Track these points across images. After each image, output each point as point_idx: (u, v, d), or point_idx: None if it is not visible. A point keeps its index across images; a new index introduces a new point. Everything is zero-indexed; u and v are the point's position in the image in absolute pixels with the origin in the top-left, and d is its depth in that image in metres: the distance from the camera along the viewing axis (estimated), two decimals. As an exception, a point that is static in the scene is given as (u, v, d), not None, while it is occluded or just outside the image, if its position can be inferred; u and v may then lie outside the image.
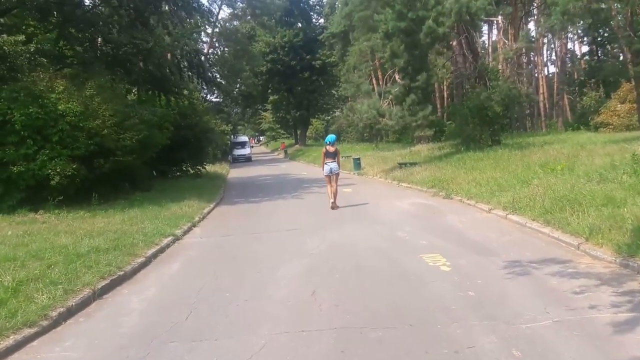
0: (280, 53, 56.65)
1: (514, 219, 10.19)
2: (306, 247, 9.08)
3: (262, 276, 7.29)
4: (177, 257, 8.98)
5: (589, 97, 36.09)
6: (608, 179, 11.03)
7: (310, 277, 7.07)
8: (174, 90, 20.48)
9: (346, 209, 13.77)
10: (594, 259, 6.99)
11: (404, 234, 9.79)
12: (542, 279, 6.26)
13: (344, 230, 10.63)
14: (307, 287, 6.55)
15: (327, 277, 6.96)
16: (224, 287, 6.84)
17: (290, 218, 12.91)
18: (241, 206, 16.19)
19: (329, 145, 14.48)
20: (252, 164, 44.57)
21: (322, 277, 7.01)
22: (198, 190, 18.54)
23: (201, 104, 34.78)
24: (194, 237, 10.94)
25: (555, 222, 8.77)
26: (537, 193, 11.00)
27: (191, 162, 25.61)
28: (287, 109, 63.91)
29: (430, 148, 28.17)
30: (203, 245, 10.12)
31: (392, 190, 17.98)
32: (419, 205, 13.62)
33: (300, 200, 16.63)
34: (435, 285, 6.32)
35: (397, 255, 8.07)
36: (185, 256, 9.06)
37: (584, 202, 9.03)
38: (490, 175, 14.80)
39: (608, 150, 16.21)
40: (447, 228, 10.17)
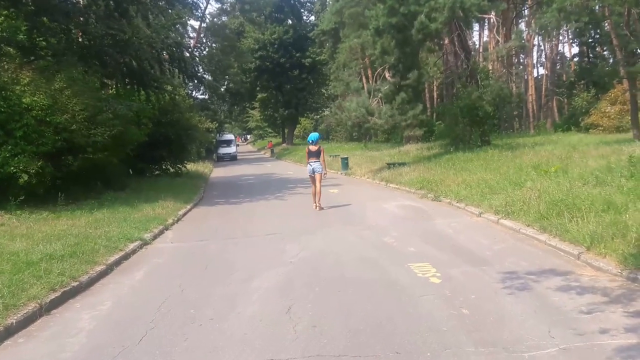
0: (270, 50, 55.88)
1: (506, 224, 9.56)
2: (285, 254, 8.38)
3: (233, 289, 6.58)
4: (142, 265, 8.23)
5: (580, 97, 35.65)
6: (605, 182, 10.46)
7: (287, 290, 6.37)
8: (153, 84, 19.62)
9: (331, 211, 13.12)
10: (597, 270, 6.36)
11: (391, 239, 9.12)
12: (542, 295, 5.61)
13: (328, 235, 9.96)
14: (282, 302, 5.85)
15: (305, 291, 6.27)
16: (188, 302, 6.12)
17: (271, 221, 12.22)
18: (221, 207, 15.46)
19: (311, 144, 13.92)
20: (238, 163, 43.80)
21: (300, 290, 6.31)
22: (176, 190, 17.79)
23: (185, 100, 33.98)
24: (165, 242, 10.19)
25: (552, 229, 8.14)
26: (530, 196, 10.38)
27: (172, 160, 24.75)
28: (276, 107, 63.15)
29: (420, 148, 27.61)
30: (173, 251, 9.37)
31: (380, 191, 17.34)
32: (407, 207, 12.98)
33: (283, 202, 15.94)
34: (424, 301, 5.65)
35: (383, 264, 7.39)
36: (151, 264, 8.31)
37: (583, 207, 8.41)
38: (480, 176, 14.22)
39: (601, 152, 15.73)
40: (436, 233, 9.52)
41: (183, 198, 16.11)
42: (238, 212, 14.24)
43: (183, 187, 19.52)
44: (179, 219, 12.91)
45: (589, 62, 45.18)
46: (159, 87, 21.03)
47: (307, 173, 13.97)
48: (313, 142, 13.91)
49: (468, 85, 22.34)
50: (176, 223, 12.40)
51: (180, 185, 20.13)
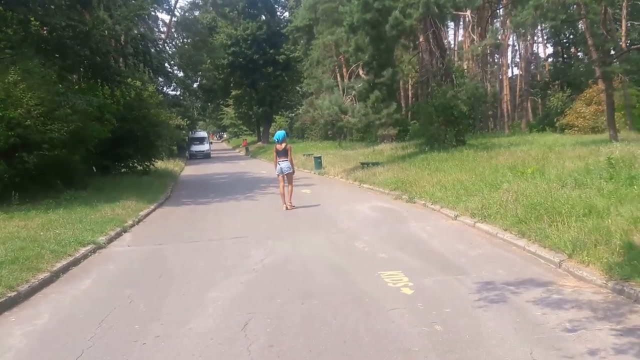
0: (243, 46, 54.96)
1: (483, 228, 9.15)
2: (249, 261, 7.82)
3: (188, 300, 6.00)
4: (92, 272, 7.58)
5: (555, 97, 35.71)
6: (584, 184, 10.12)
7: (246, 302, 5.81)
8: (115, 78, 18.79)
9: (302, 212, 12.60)
10: (580, 280, 5.95)
11: (362, 244, 8.63)
12: (522, 309, 5.16)
13: (296, 239, 9.42)
14: (239, 317, 5.30)
15: (266, 303, 5.72)
16: (135, 316, 5.53)
17: (239, 223, 11.63)
18: (187, 208, 14.79)
19: (278, 143, 13.44)
20: (211, 161, 42.95)
21: (260, 302, 5.76)
22: (141, 189, 17.06)
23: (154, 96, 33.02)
24: (121, 246, 9.53)
25: (531, 234, 7.74)
26: (507, 199, 10.00)
27: (139, 158, 23.85)
28: (250, 105, 62.24)
29: (394, 147, 27.21)
30: (128, 256, 8.72)
31: (353, 191, 16.86)
32: (380, 209, 12.51)
33: (253, 202, 15.35)
34: (395, 316, 5.15)
35: (352, 272, 6.89)
36: (102, 271, 7.66)
37: (563, 211, 8.02)
38: (455, 177, 13.85)
39: (578, 152, 15.47)
40: (410, 237, 9.06)
41: (147, 197, 15.40)
42: (205, 213, 13.61)
43: (149, 186, 18.78)
44: (139, 220, 12.23)
45: (564, 63, 45.45)
46: (123, 82, 20.23)
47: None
48: (279, 140, 13.43)
49: (443, 84, 22.00)
50: (136, 225, 11.72)
51: (147, 184, 19.37)
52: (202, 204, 15.42)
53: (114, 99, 20.21)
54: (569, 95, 34.22)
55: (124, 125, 20.79)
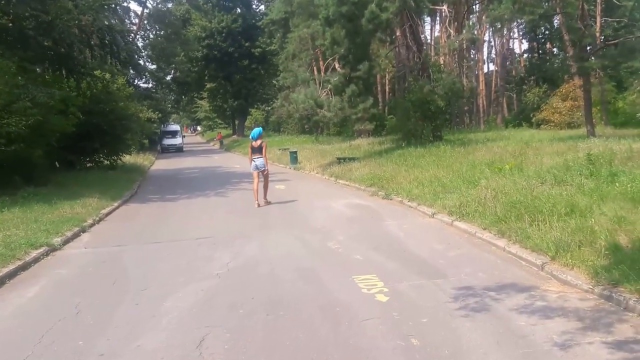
0: (218, 39, 53.96)
1: (461, 227, 8.77)
2: (213, 264, 7.30)
3: (141, 311, 5.48)
4: (41, 277, 6.98)
5: (532, 92, 35.70)
6: (564, 181, 9.83)
7: (205, 313, 5.31)
8: (80, 70, 18.00)
9: (274, 210, 12.12)
10: (564, 284, 5.58)
11: (336, 245, 8.17)
12: (505, 318, 4.76)
13: (266, 239, 8.93)
14: (196, 331, 4.80)
15: (226, 314, 5.23)
16: (81, 329, 4.99)
17: (206, 221, 11.08)
18: (153, 205, 14.17)
19: (253, 140, 13.07)
20: (183, 155, 42.02)
21: (221, 313, 5.27)
22: (106, 185, 16.37)
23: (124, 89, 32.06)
24: (77, 248, 8.91)
25: (512, 234, 7.37)
26: (486, 196, 9.65)
27: (105, 152, 23.01)
28: (225, 98, 61.29)
29: (371, 142, 26.85)
30: (83, 259, 8.10)
31: (329, 188, 16.40)
32: (356, 206, 12.08)
33: (223, 199, 14.77)
34: (368, 327, 4.71)
35: (324, 277, 6.43)
36: (52, 276, 7.06)
37: (544, 209, 7.67)
38: (432, 173, 13.49)
39: (556, 148, 15.25)
40: (386, 237, 8.64)
41: (111, 194, 14.71)
42: (171, 210, 13.02)
43: (115, 182, 18.04)
44: (100, 220, 11.57)
45: (539, 58, 45.56)
46: (90, 74, 19.47)
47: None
48: (253, 138, 13.11)
49: (420, 79, 21.65)
50: (97, 224, 11.07)
51: (112, 180, 18.62)
52: (169, 201, 14.81)
53: (80, 91, 19.46)
54: (545, 90, 34.22)
55: (90, 119, 20.07)
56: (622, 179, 8.78)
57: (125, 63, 21.41)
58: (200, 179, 21.30)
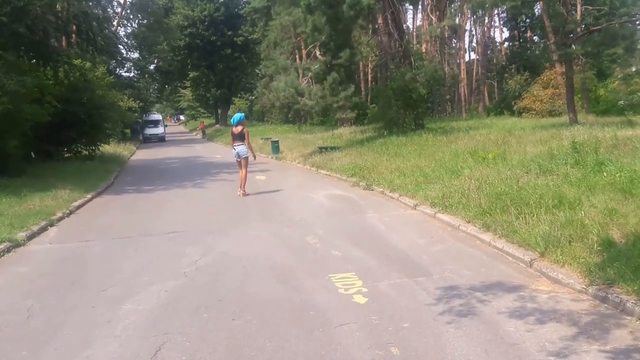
0: (200, 27, 53.17)
1: (444, 219, 8.40)
2: (182, 262, 6.84)
3: (96, 315, 5.01)
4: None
5: (513, 80, 35.47)
6: (549, 170, 9.53)
7: (166, 318, 4.86)
8: (55, 58, 17.32)
9: (253, 202, 11.68)
10: (555, 283, 5.22)
11: (314, 239, 7.75)
12: (493, 322, 4.37)
13: (242, 233, 8.48)
14: (152, 339, 4.36)
15: (189, 319, 4.79)
16: (29, 337, 4.52)
17: (181, 215, 10.62)
18: (128, 197, 13.63)
19: (234, 126, 12.65)
20: (165, 145, 41.31)
21: (183, 318, 4.83)
22: (82, 176, 15.80)
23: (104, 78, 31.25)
24: (42, 243, 8.39)
25: (497, 227, 7.00)
26: (469, 187, 9.31)
27: (83, 142, 22.34)
28: (207, 87, 60.48)
29: (353, 131, 26.47)
30: (46, 255, 7.60)
31: (310, 178, 15.97)
32: (336, 198, 11.67)
33: (201, 190, 14.28)
34: (343, 334, 4.30)
35: (299, 275, 6.01)
36: (10, 275, 6.55)
37: (531, 201, 7.33)
38: (414, 163, 13.17)
39: (539, 136, 14.99)
40: (367, 230, 8.25)
41: (86, 185, 14.15)
42: (146, 203, 12.50)
43: (91, 173, 17.45)
44: (71, 212, 11.04)
45: (520, 46, 45.39)
46: (68, 62, 18.77)
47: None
48: (234, 124, 12.69)
49: (401, 66, 21.25)
50: (66, 217, 10.53)
51: (89, 170, 18.02)
52: (145, 193, 14.28)
53: (57, 79, 18.81)
54: (527, 78, 34.01)
55: (67, 108, 19.50)
56: (610, 168, 8.47)
57: (102, 50, 20.66)
58: (179, 169, 20.77)
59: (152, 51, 50.40)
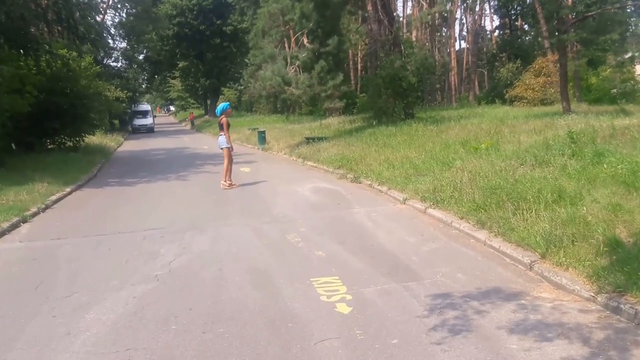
0: (189, 16, 52.26)
1: (435, 215, 7.95)
2: (155, 263, 6.35)
3: (56, 326, 4.51)
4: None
5: (505, 68, 34.97)
6: (546, 161, 9.10)
7: (130, 330, 4.37)
8: (34, 46, 16.66)
9: (235, 195, 11.21)
10: (559, 289, 4.77)
11: (297, 237, 7.28)
12: (493, 339, 3.89)
13: (220, 231, 7.98)
14: (114, 355, 3.90)
15: (156, 331, 4.31)
16: (-31, 358, 4.03)
17: (160, 209, 10.13)
18: (109, 190, 13.07)
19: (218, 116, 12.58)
20: (153, 136, 40.66)
21: (150, 330, 4.34)
22: (63, 168, 15.27)
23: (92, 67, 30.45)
24: (12, 241, 7.87)
25: (493, 225, 6.56)
26: (462, 179, 8.87)
27: (67, 133, 21.67)
28: (197, 77, 59.69)
29: (342, 121, 25.98)
30: (14, 255, 7.05)
31: (296, 170, 15.48)
32: (322, 191, 11.19)
33: (185, 183, 13.77)
34: (324, 352, 3.83)
35: (279, 279, 5.53)
36: (-34, 281, 6.06)
37: (528, 196, 6.88)
38: (404, 154, 12.71)
39: (532, 125, 14.57)
40: (353, 227, 7.78)
41: (66, 178, 13.62)
42: (126, 196, 11.97)
43: (74, 164, 16.86)
44: (47, 207, 10.51)
45: (511, 34, 44.92)
46: (50, 51, 18.13)
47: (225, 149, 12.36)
48: (218, 114, 12.63)
49: (391, 54, 20.70)
50: (42, 213, 10.01)
51: (72, 162, 17.41)
52: (127, 185, 13.76)
53: (39, 69, 18.19)
54: (519, 66, 33.54)
55: (49, 98, 19.15)
56: (610, 159, 8.03)
57: (84, 39, 19.95)
58: (165, 161, 20.23)
59: (140, 41, 49.57)
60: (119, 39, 47.57)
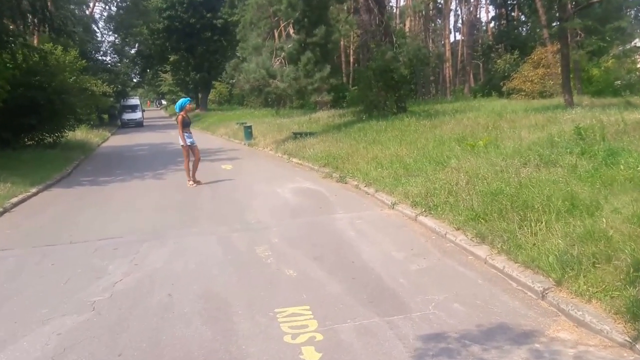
0: (179, 10, 51.08)
1: (428, 224, 6.96)
2: (98, 284, 5.37)
3: None
4: None
5: (503, 59, 33.91)
6: (552, 161, 8.16)
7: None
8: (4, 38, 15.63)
9: (209, 197, 10.29)
10: (581, 327, 3.80)
11: (267, 251, 6.29)
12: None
13: (182, 241, 6.99)
14: None
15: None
16: None
17: (125, 214, 9.13)
18: (79, 191, 12.02)
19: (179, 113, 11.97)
20: (141, 130, 39.61)
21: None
22: (36, 167, 14.34)
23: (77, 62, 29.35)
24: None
25: (495, 239, 5.58)
26: (458, 181, 7.94)
27: (44, 129, 20.55)
28: (187, 71, 58.54)
29: (331, 115, 24.95)
30: None
31: (279, 167, 14.47)
32: (304, 192, 10.20)
33: (159, 182, 12.78)
34: None
35: (237, 310, 4.54)
36: None
37: (536, 203, 5.92)
38: (394, 151, 11.75)
39: (534, 120, 13.65)
40: (333, 238, 6.80)
41: (35, 177, 12.62)
42: (95, 198, 10.92)
43: (50, 162, 15.80)
44: (5, 211, 9.51)
45: (507, 25, 43.88)
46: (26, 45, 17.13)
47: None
48: (178, 110, 12.05)
49: (382, 45, 19.68)
50: (-1, 216, 9.04)
51: (49, 160, 16.33)
52: (100, 185, 12.77)
53: (16, 62, 17.17)
54: (517, 57, 32.49)
55: (25, 93, 18.11)
56: (629, 159, 7.06)
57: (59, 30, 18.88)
58: (146, 157, 19.22)
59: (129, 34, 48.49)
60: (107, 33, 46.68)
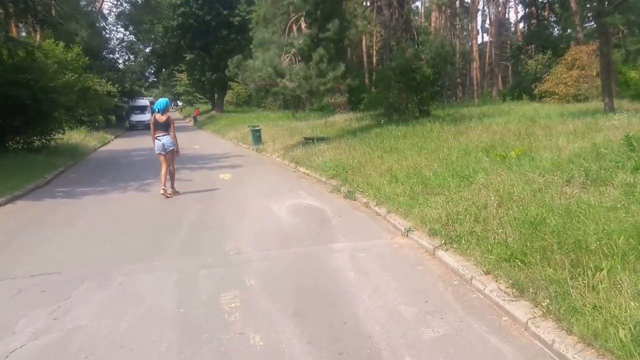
0: (194, 6, 49.90)
1: (449, 262, 5.36)
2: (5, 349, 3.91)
3: None
4: None
5: (534, 60, 31.95)
6: (601, 178, 6.54)
7: None
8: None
9: (188, 216, 8.79)
10: None
11: (235, 300, 4.77)
12: None
13: (130, 283, 5.46)
14: None
15: None
16: None
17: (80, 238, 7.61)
18: (46, 204, 10.63)
19: (158, 113, 10.54)
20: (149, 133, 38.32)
21: None
22: (10, 174, 13.07)
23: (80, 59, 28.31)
24: None
25: (539, 293, 3.97)
26: (487, 203, 6.33)
27: (31, 131, 19.12)
28: (203, 71, 57.33)
29: (349, 119, 23.43)
30: None
31: (283, 178, 12.97)
32: (304, 211, 8.67)
33: (140, 195, 11.36)
34: None
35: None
36: None
37: (591, 240, 4.29)
38: (412, 162, 10.21)
39: (572, 127, 11.99)
40: (326, 281, 5.23)
41: (3, 188, 11.35)
42: (57, 215, 9.42)
43: (28, 169, 14.46)
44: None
45: (538, 24, 41.78)
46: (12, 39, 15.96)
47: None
48: (160, 110, 10.57)
49: (402, 41, 18.07)
50: None
51: (29, 166, 15.01)
52: (74, 197, 11.37)
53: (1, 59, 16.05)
54: (550, 57, 30.50)
55: (8, 91, 16.77)
56: None
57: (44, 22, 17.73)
58: (140, 164, 17.84)
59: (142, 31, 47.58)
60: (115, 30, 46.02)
